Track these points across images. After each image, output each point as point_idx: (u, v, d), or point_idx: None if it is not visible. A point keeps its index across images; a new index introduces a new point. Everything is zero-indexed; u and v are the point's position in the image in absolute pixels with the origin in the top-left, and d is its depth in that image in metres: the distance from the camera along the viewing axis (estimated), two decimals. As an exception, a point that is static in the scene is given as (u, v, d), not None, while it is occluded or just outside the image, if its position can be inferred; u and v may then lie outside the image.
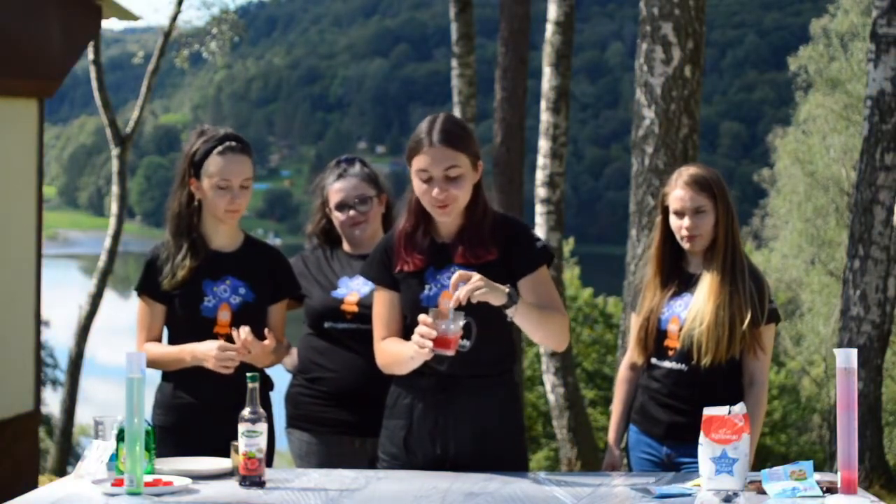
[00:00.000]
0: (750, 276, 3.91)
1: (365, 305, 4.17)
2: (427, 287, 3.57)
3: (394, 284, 3.63)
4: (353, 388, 4.15)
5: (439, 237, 3.63)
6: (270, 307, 4.00)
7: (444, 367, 3.52)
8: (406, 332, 3.57)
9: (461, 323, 3.35)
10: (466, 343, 3.47)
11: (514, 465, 3.61)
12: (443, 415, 3.57)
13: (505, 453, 3.61)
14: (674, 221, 3.96)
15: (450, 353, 3.36)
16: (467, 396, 3.56)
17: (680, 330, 3.90)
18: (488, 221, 3.60)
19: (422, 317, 3.38)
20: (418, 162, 3.54)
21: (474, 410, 3.55)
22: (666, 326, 3.95)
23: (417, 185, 3.56)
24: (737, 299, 3.86)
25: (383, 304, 3.65)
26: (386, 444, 3.67)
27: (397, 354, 3.56)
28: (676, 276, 4.00)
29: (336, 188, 4.30)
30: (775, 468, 3.27)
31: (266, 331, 3.84)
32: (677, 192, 3.95)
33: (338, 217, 4.29)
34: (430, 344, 3.33)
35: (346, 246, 4.35)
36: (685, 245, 3.96)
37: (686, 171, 3.98)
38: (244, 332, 3.76)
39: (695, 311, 3.88)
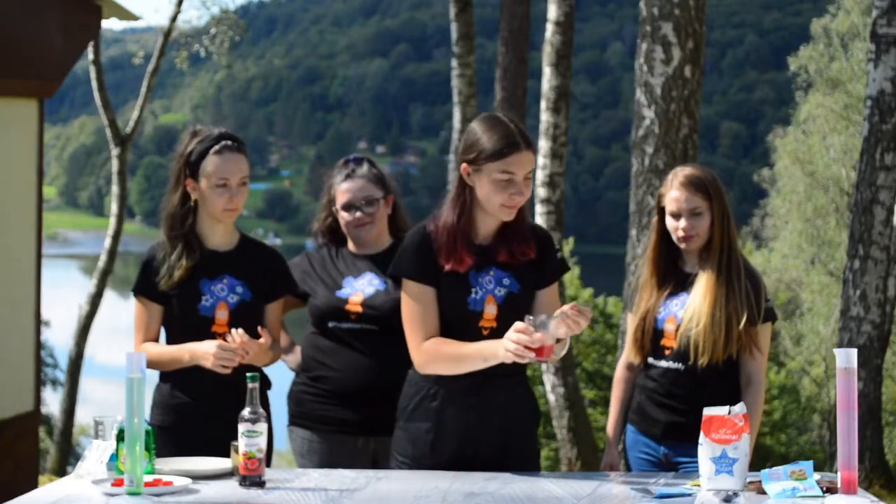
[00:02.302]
0: (746, 275, 3.91)
1: (369, 306, 4.17)
2: (473, 291, 3.58)
3: (435, 281, 3.59)
4: (357, 387, 4.16)
5: (478, 239, 3.63)
6: (267, 306, 4.01)
7: (483, 370, 3.53)
8: (446, 333, 3.57)
9: (553, 326, 3.34)
10: (561, 353, 3.44)
11: (533, 462, 3.68)
12: (474, 416, 3.57)
13: (527, 450, 3.67)
14: (670, 222, 3.96)
15: (547, 360, 3.38)
16: (496, 396, 3.58)
17: (677, 329, 3.90)
18: (526, 222, 3.65)
19: (520, 325, 3.35)
20: (503, 164, 3.50)
21: (503, 409, 3.58)
22: (663, 326, 3.95)
23: (491, 186, 3.52)
24: (733, 299, 3.86)
25: (422, 302, 3.59)
26: (405, 447, 3.65)
27: (456, 356, 3.53)
28: (673, 276, 4.00)
29: (343, 188, 4.29)
30: (775, 468, 3.28)
31: (260, 329, 3.84)
32: (673, 193, 3.94)
33: (344, 217, 4.29)
34: (533, 354, 3.33)
35: (351, 245, 4.35)
36: (682, 245, 3.96)
37: (682, 172, 3.98)
38: (238, 334, 3.76)
39: (691, 310, 3.88)
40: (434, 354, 3.57)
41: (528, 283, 3.61)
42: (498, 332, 3.52)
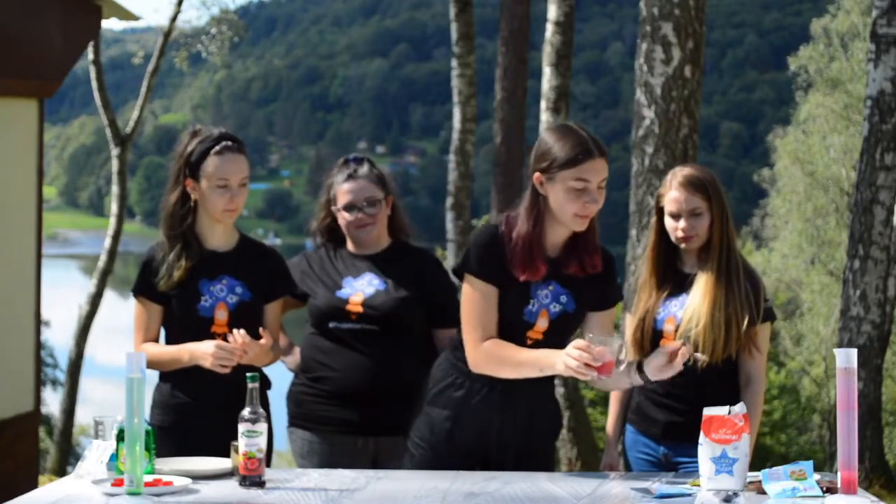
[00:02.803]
0: (745, 276, 3.91)
1: (370, 306, 4.17)
2: (532, 303, 3.59)
3: (499, 282, 3.58)
4: (357, 388, 4.15)
5: (546, 249, 3.61)
6: (266, 306, 4.01)
7: None
8: (502, 335, 3.58)
9: (616, 348, 3.36)
10: (619, 368, 3.44)
11: (545, 464, 3.70)
12: (496, 415, 3.59)
13: (543, 461, 3.70)
14: (669, 223, 3.96)
15: (608, 377, 3.39)
16: (521, 400, 3.61)
17: (676, 330, 3.90)
18: (596, 234, 3.64)
19: (581, 343, 3.36)
20: (578, 172, 3.49)
21: (526, 416, 3.59)
22: (662, 326, 3.95)
23: (564, 195, 3.50)
24: (732, 299, 3.86)
25: (486, 300, 3.58)
26: (423, 431, 3.70)
27: (514, 361, 3.53)
28: (672, 277, 4.00)
29: (345, 189, 4.27)
30: (775, 468, 3.28)
31: (261, 329, 3.84)
32: (672, 193, 3.94)
33: (345, 217, 4.27)
34: (595, 373, 3.33)
35: (350, 245, 4.34)
36: (681, 246, 3.96)
37: (681, 173, 3.98)
38: (239, 334, 3.76)
39: (691, 311, 3.88)
40: (492, 356, 3.56)
41: (585, 303, 3.63)
42: (542, 345, 3.55)
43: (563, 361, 3.36)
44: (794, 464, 3.27)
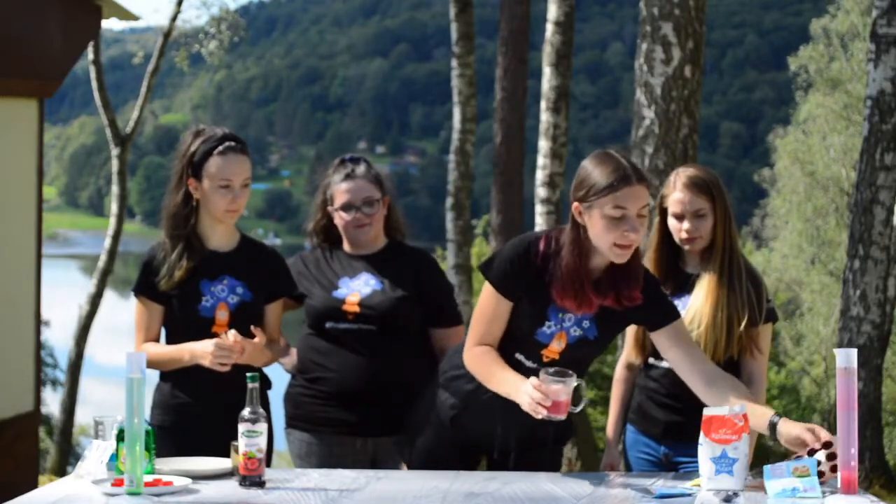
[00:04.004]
0: (747, 276, 3.90)
1: (366, 306, 4.17)
2: (548, 324, 3.54)
3: (514, 296, 3.54)
4: (354, 389, 4.15)
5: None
6: (267, 306, 4.01)
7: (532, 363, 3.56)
8: (511, 344, 3.56)
9: (571, 388, 3.34)
10: (574, 409, 3.41)
11: (549, 465, 3.69)
12: (502, 413, 3.57)
13: (549, 459, 3.69)
14: (673, 224, 3.95)
15: (562, 417, 3.35)
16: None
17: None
18: (640, 263, 3.54)
19: (535, 382, 3.33)
20: (615, 199, 3.37)
21: (531, 423, 3.49)
22: (665, 326, 3.94)
23: (603, 224, 3.39)
24: (734, 300, 3.85)
25: (495, 311, 3.56)
26: (431, 413, 3.74)
27: (486, 375, 3.54)
28: (674, 277, 3.99)
29: (342, 189, 4.26)
30: (778, 464, 3.27)
31: (253, 328, 3.84)
32: (676, 194, 3.94)
33: (342, 217, 4.27)
34: (545, 411, 3.31)
35: (346, 246, 4.33)
36: (685, 247, 3.96)
37: (684, 173, 3.97)
38: (232, 334, 3.77)
39: (693, 312, 3.88)
40: (476, 362, 3.57)
41: (608, 330, 3.56)
42: (557, 363, 3.52)
43: (523, 394, 3.35)
44: (798, 460, 3.26)
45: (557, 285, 3.47)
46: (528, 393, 3.32)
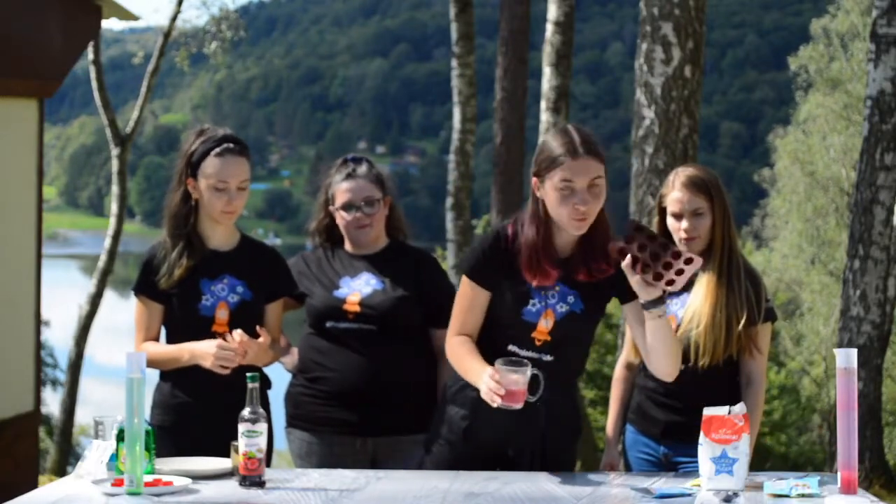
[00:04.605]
0: (746, 276, 3.91)
1: (367, 305, 4.17)
2: (532, 303, 3.57)
3: (489, 285, 3.59)
4: (355, 388, 4.15)
5: (555, 252, 3.58)
6: (267, 306, 4.00)
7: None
8: (503, 336, 3.59)
9: (527, 377, 3.36)
10: (532, 398, 3.45)
11: (565, 465, 3.66)
12: (513, 414, 3.55)
13: (561, 455, 3.65)
14: (671, 223, 3.96)
15: (518, 406, 3.37)
16: (540, 398, 3.57)
17: (677, 329, 3.90)
18: (609, 235, 3.57)
19: (490, 371, 3.37)
20: (561, 173, 3.45)
21: (542, 413, 3.55)
22: (664, 326, 3.94)
23: (555, 198, 3.47)
24: (733, 300, 3.85)
25: (470, 302, 3.62)
26: (445, 431, 3.70)
27: (458, 365, 3.59)
28: (674, 276, 3.99)
29: (343, 188, 4.27)
30: (779, 481, 3.27)
31: (259, 328, 3.84)
32: (675, 193, 3.94)
33: (343, 217, 4.27)
34: (499, 400, 3.34)
35: (347, 245, 4.34)
36: (683, 246, 3.95)
37: (683, 173, 3.97)
38: (238, 334, 3.76)
39: (692, 311, 3.88)
40: (451, 352, 3.63)
41: (595, 302, 3.58)
42: (551, 346, 3.54)
43: (482, 383, 3.39)
44: (800, 478, 3.27)
45: (522, 260, 3.54)
46: (486, 382, 3.36)
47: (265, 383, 3.93)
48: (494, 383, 3.34)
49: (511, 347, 3.58)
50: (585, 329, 3.63)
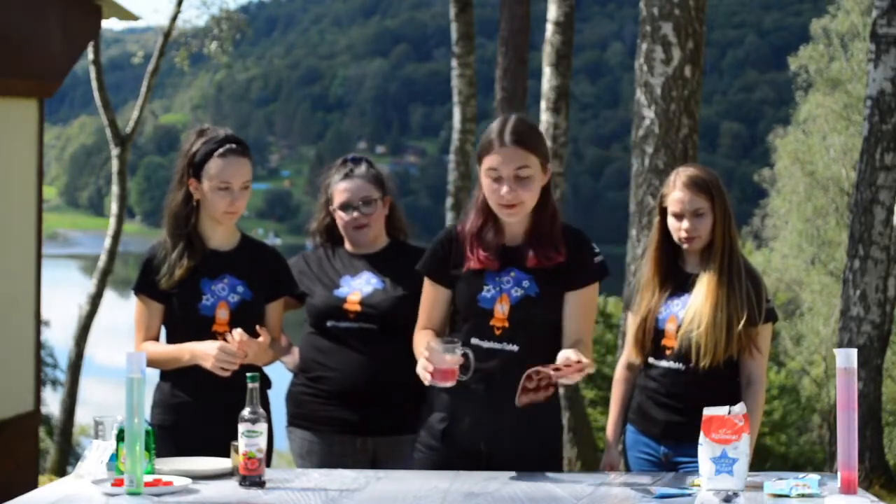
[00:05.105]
0: (747, 276, 3.91)
1: (368, 304, 4.17)
2: (486, 288, 3.61)
3: (445, 280, 3.68)
4: (355, 387, 4.15)
5: (505, 240, 3.64)
6: (268, 305, 4.00)
7: (496, 368, 3.58)
8: (459, 328, 3.66)
9: (457, 356, 3.43)
10: (464, 378, 3.50)
11: (551, 464, 3.65)
12: (485, 412, 3.58)
13: (542, 453, 3.65)
14: (672, 223, 3.96)
15: (449, 384, 3.44)
16: (510, 397, 3.55)
17: (677, 329, 3.90)
18: (557, 224, 3.63)
19: (420, 349, 3.48)
20: (488, 161, 3.54)
21: (518, 410, 3.53)
22: (663, 326, 3.94)
23: (486, 185, 3.57)
24: (734, 300, 3.85)
25: (427, 297, 3.74)
26: (424, 436, 3.72)
27: (417, 353, 3.63)
28: (674, 276, 4.00)
29: (341, 188, 4.29)
30: (779, 481, 3.27)
31: (258, 328, 3.84)
32: (676, 193, 3.94)
33: (341, 217, 4.29)
34: (429, 377, 3.42)
35: (348, 245, 4.34)
36: (684, 246, 3.96)
37: (684, 173, 3.98)
38: (238, 334, 3.76)
39: (692, 312, 3.88)
40: (414, 346, 3.71)
41: (551, 287, 3.61)
42: (510, 332, 3.57)
43: (419, 365, 3.48)
44: (800, 478, 3.27)
45: (461, 243, 3.63)
46: (419, 361, 3.45)
47: (265, 383, 3.93)
48: (425, 361, 3.42)
49: (473, 340, 3.60)
50: (544, 314, 3.62)
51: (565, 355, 3.38)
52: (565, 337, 3.61)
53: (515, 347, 3.58)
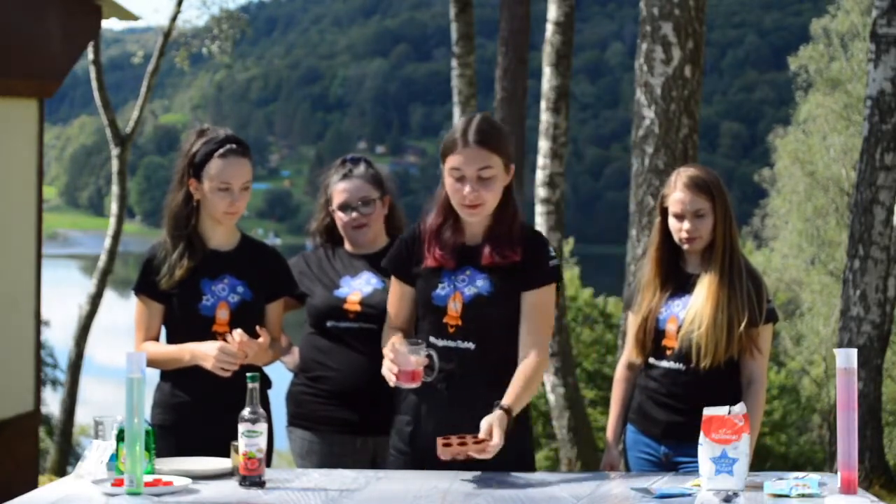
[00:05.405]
0: (748, 276, 3.91)
1: (368, 304, 4.18)
2: (441, 286, 3.62)
3: (408, 278, 3.70)
4: (356, 387, 4.16)
5: (464, 239, 3.65)
6: (268, 306, 4.00)
7: (454, 366, 3.57)
8: (420, 326, 3.68)
9: (422, 357, 3.46)
10: (428, 379, 3.52)
11: (519, 464, 3.61)
12: (449, 412, 3.58)
13: (509, 453, 3.59)
14: (673, 223, 3.96)
15: (414, 385, 3.48)
16: (474, 395, 3.57)
17: (678, 330, 3.90)
18: (516, 224, 3.63)
19: (385, 350, 3.52)
20: (452, 160, 3.55)
21: (480, 409, 3.54)
22: (664, 326, 3.94)
23: (449, 184, 3.58)
24: (735, 301, 3.85)
25: (394, 294, 3.76)
26: (394, 440, 3.73)
27: (385, 356, 3.63)
28: (675, 277, 3.99)
29: (340, 188, 4.30)
30: (779, 481, 3.27)
31: (258, 328, 3.83)
32: (677, 194, 3.94)
33: (340, 217, 4.29)
34: (394, 378, 3.46)
35: (347, 245, 4.35)
36: (684, 247, 3.96)
37: (685, 173, 3.97)
38: (237, 334, 3.76)
39: (693, 312, 3.88)
40: (382, 341, 3.70)
41: (506, 286, 3.60)
42: (464, 330, 3.57)
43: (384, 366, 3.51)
44: (800, 478, 3.27)
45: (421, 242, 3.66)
46: (385, 363, 3.49)
47: (265, 383, 3.93)
48: (389, 362, 3.44)
49: (430, 338, 3.62)
50: (498, 313, 3.60)
51: (486, 425, 3.39)
52: (521, 337, 3.61)
53: (471, 345, 3.58)
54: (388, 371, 3.47)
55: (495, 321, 3.59)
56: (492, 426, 3.38)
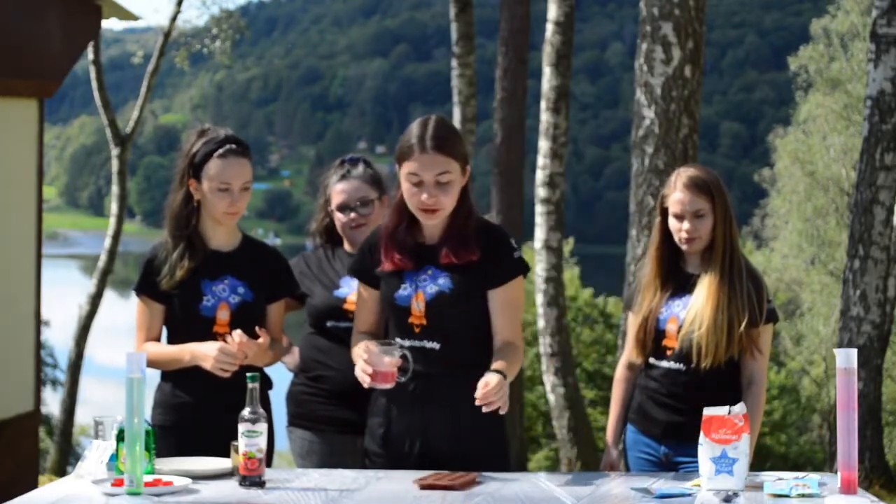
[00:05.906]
0: (748, 277, 3.90)
1: (366, 305, 4.18)
2: (403, 287, 3.62)
3: (372, 281, 3.71)
4: (356, 387, 4.12)
5: (423, 238, 3.66)
6: (268, 306, 4.00)
7: (420, 366, 3.58)
8: (385, 329, 3.71)
9: (396, 358, 3.47)
10: (402, 379, 3.53)
11: (494, 463, 3.60)
12: (418, 413, 3.60)
13: (483, 451, 3.61)
14: (673, 224, 3.96)
15: (388, 385, 3.49)
16: (442, 395, 3.58)
17: (678, 330, 3.90)
18: (472, 224, 3.63)
19: (357, 352, 3.54)
20: (409, 166, 3.55)
21: (449, 409, 3.57)
22: (664, 326, 3.94)
23: (406, 188, 3.58)
24: (735, 301, 3.85)
25: (360, 298, 3.78)
26: (368, 441, 3.74)
27: (353, 354, 3.64)
28: (675, 277, 3.99)
29: (338, 189, 4.30)
30: (779, 481, 3.27)
31: (258, 329, 3.83)
32: (676, 194, 3.94)
33: (339, 218, 4.30)
34: (368, 379, 3.46)
35: (347, 245, 4.35)
36: (684, 247, 3.96)
37: (685, 173, 3.97)
38: (237, 335, 3.76)
39: (693, 313, 3.87)
40: (351, 346, 3.71)
41: (468, 283, 3.60)
42: (429, 329, 3.58)
43: (357, 368, 3.52)
44: (800, 478, 3.27)
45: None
46: (357, 364, 3.50)
47: (266, 383, 3.93)
48: (363, 363, 3.45)
49: (396, 339, 3.63)
50: (461, 311, 3.60)
51: (481, 382, 3.41)
52: (494, 336, 3.62)
53: (436, 345, 3.58)
54: (362, 373, 3.47)
55: (459, 319, 3.60)
56: (487, 380, 3.39)
